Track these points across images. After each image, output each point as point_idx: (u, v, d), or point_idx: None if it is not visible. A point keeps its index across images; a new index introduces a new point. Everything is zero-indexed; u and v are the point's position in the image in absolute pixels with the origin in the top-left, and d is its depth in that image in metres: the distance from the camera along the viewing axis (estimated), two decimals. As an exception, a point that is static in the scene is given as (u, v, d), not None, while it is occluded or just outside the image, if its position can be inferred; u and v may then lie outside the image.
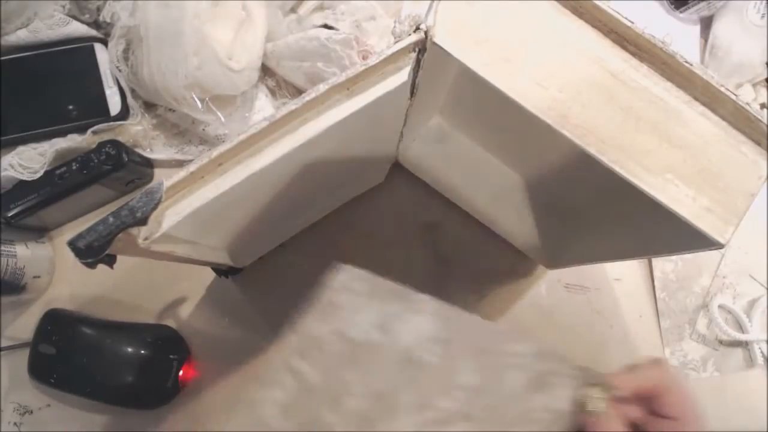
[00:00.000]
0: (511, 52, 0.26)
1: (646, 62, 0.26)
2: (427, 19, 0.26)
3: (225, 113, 0.45)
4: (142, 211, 0.23)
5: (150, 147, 0.47)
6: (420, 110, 0.38)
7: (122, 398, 0.42)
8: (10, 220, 0.42)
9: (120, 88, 0.45)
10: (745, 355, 0.49)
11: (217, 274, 0.44)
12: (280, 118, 0.26)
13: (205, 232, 0.31)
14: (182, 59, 0.40)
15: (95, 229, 0.23)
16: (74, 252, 0.23)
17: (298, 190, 0.34)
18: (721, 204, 0.25)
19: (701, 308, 0.50)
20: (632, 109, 0.26)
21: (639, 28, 0.26)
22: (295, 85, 0.48)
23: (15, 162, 0.42)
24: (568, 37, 0.26)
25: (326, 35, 0.43)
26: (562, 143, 0.25)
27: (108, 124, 0.44)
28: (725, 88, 0.25)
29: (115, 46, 0.43)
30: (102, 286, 0.46)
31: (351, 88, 0.27)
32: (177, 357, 0.43)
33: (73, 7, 0.45)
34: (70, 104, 0.44)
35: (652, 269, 0.50)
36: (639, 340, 0.49)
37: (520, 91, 0.26)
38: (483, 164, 0.46)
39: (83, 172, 0.42)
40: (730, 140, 0.26)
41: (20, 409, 0.44)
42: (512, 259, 0.48)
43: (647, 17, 0.55)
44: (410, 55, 0.27)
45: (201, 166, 0.25)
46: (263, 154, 0.27)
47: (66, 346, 0.41)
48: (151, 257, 0.28)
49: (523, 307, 0.49)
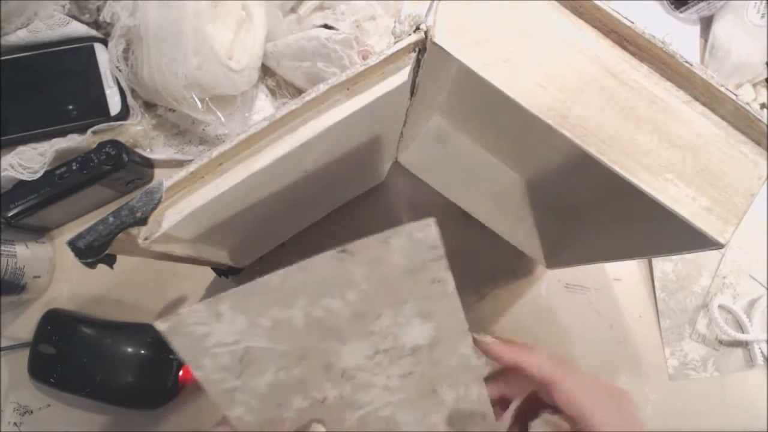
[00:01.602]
0: (511, 52, 0.26)
1: (646, 62, 0.26)
2: (427, 19, 0.26)
3: (225, 113, 0.45)
4: (142, 211, 0.23)
5: (150, 147, 0.47)
6: (420, 110, 0.38)
7: (122, 398, 0.42)
8: (10, 220, 0.42)
9: (120, 88, 0.45)
10: (745, 355, 0.49)
11: (217, 274, 0.44)
12: (280, 118, 0.26)
13: (205, 231, 0.31)
14: (182, 59, 0.40)
15: (95, 229, 0.23)
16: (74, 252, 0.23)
17: (298, 190, 0.34)
18: (721, 204, 0.25)
19: (701, 308, 0.50)
20: (632, 109, 0.26)
21: (639, 28, 0.26)
22: (295, 85, 0.48)
23: (15, 162, 0.42)
24: (568, 37, 0.26)
25: (326, 35, 0.43)
26: (562, 143, 0.25)
27: (108, 124, 0.44)
28: (725, 88, 0.25)
29: (115, 46, 0.43)
30: (102, 286, 0.46)
31: (351, 88, 0.27)
32: (177, 357, 0.43)
33: (73, 7, 0.45)
34: (70, 104, 0.44)
35: (652, 269, 0.50)
36: (639, 340, 0.49)
37: (520, 91, 0.26)
38: (483, 164, 0.46)
39: (83, 172, 0.42)
40: (730, 140, 0.26)
41: (20, 409, 0.44)
42: (512, 259, 0.48)
43: (647, 17, 0.55)
44: (410, 55, 0.27)
45: (201, 166, 0.25)
46: (263, 154, 0.27)
47: (66, 346, 0.41)
48: (151, 257, 0.28)
49: (523, 307, 0.49)
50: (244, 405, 0.29)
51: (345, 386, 0.29)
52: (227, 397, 0.29)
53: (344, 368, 0.29)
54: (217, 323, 0.27)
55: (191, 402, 0.44)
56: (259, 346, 0.28)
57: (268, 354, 0.28)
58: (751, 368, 0.49)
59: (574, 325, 0.49)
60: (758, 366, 0.48)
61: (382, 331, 0.29)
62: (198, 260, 0.34)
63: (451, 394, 0.31)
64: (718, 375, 0.48)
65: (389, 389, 0.30)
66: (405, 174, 0.47)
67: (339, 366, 0.29)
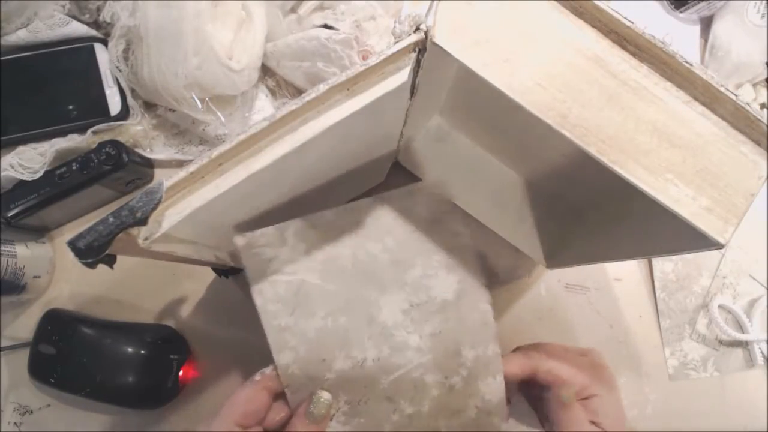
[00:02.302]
0: (511, 52, 0.26)
1: (646, 62, 0.26)
2: (427, 19, 0.26)
3: (225, 113, 0.45)
4: (142, 211, 0.23)
5: (150, 147, 0.47)
6: (420, 110, 0.38)
7: (122, 398, 0.42)
8: (10, 220, 0.42)
9: (120, 88, 0.45)
10: (745, 355, 0.49)
11: (217, 274, 0.44)
12: (280, 118, 0.26)
13: (205, 232, 0.31)
14: (182, 59, 0.40)
15: (95, 229, 0.23)
16: (74, 252, 0.23)
17: (297, 190, 0.34)
18: (721, 204, 0.25)
19: (701, 308, 0.50)
20: (632, 109, 0.26)
21: (639, 28, 0.26)
22: (295, 85, 0.48)
23: (15, 162, 0.42)
24: (568, 37, 0.26)
25: (326, 35, 0.43)
26: (562, 143, 0.25)
27: (108, 124, 0.44)
28: (725, 88, 0.25)
29: (115, 46, 0.42)
30: (102, 286, 0.46)
31: (351, 88, 0.27)
32: (177, 357, 0.43)
33: (73, 7, 0.45)
34: (70, 104, 0.44)
35: (652, 269, 0.50)
36: (639, 340, 0.49)
37: (520, 91, 0.26)
38: (483, 164, 0.46)
39: (83, 172, 0.42)
40: (730, 140, 0.26)
41: (20, 409, 0.44)
42: (512, 259, 0.48)
43: (647, 17, 0.55)
44: (410, 55, 0.27)
45: (201, 166, 0.25)
46: (263, 154, 0.26)
47: (66, 346, 0.41)
48: (151, 257, 0.28)
49: (523, 307, 0.49)
50: (293, 351, 0.31)
51: (384, 347, 0.32)
52: (279, 336, 0.31)
53: (384, 323, 0.32)
54: (282, 247, 0.31)
55: (191, 402, 0.44)
56: (312, 281, 0.31)
57: (319, 292, 0.31)
58: (751, 368, 0.49)
59: (574, 325, 0.49)
60: (758, 366, 0.48)
61: (414, 282, 0.32)
62: (198, 260, 0.34)
63: (472, 353, 0.33)
64: (718, 375, 0.48)
65: (421, 350, 0.33)
66: (405, 174, 0.47)
67: (379, 320, 0.32)
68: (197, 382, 0.44)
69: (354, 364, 0.31)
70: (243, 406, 0.31)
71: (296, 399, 0.32)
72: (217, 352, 0.45)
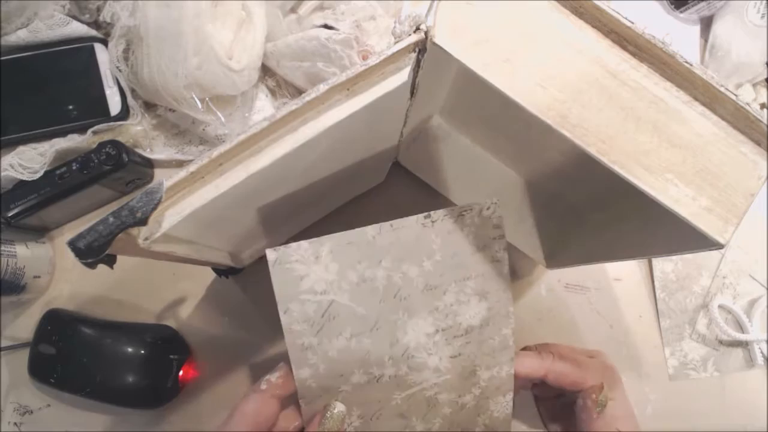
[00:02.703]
0: (511, 52, 0.26)
1: (646, 62, 0.26)
2: (427, 19, 0.26)
3: (225, 113, 0.45)
4: (142, 211, 0.23)
5: (150, 147, 0.47)
6: (420, 110, 0.38)
7: (122, 398, 0.42)
8: (10, 220, 0.42)
9: (120, 88, 0.45)
10: (745, 355, 0.49)
11: (217, 274, 0.44)
12: (280, 118, 0.26)
13: (205, 232, 0.31)
14: (182, 59, 0.40)
15: (95, 229, 0.23)
16: (74, 252, 0.23)
17: (298, 190, 0.34)
18: (721, 204, 0.25)
19: (701, 308, 0.50)
20: (632, 109, 0.26)
21: (639, 28, 0.26)
22: (295, 85, 0.48)
23: (15, 162, 0.42)
24: (568, 37, 0.26)
25: (326, 35, 0.43)
26: (562, 143, 0.25)
27: (108, 124, 0.44)
28: (725, 88, 0.25)
29: (115, 46, 0.42)
30: (102, 286, 0.46)
31: (351, 88, 0.27)
32: (177, 357, 0.43)
33: (73, 7, 0.45)
34: (70, 104, 0.44)
35: (652, 269, 0.50)
36: (639, 340, 0.49)
37: (520, 91, 0.26)
38: (483, 164, 0.46)
39: (83, 172, 0.42)
40: (730, 140, 0.26)
41: (20, 409, 0.44)
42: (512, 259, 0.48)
43: (647, 17, 0.55)
44: (410, 55, 0.27)
45: (201, 166, 0.25)
46: (263, 154, 0.26)
47: (66, 346, 0.41)
48: (151, 257, 0.28)
49: (524, 307, 0.49)
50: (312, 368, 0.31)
51: (402, 366, 0.32)
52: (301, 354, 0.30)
53: (407, 345, 0.31)
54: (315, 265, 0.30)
55: (191, 402, 0.44)
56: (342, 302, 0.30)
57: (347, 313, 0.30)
58: (751, 368, 0.49)
59: (575, 325, 0.49)
60: (758, 366, 0.48)
61: (445, 308, 0.31)
62: (198, 260, 0.34)
63: (487, 374, 0.33)
64: (718, 375, 0.48)
65: (439, 371, 0.32)
66: (405, 174, 0.47)
67: (403, 342, 0.31)
68: (197, 382, 0.44)
69: (370, 379, 0.31)
70: (253, 418, 0.30)
71: (310, 410, 0.31)
72: (217, 352, 0.45)
